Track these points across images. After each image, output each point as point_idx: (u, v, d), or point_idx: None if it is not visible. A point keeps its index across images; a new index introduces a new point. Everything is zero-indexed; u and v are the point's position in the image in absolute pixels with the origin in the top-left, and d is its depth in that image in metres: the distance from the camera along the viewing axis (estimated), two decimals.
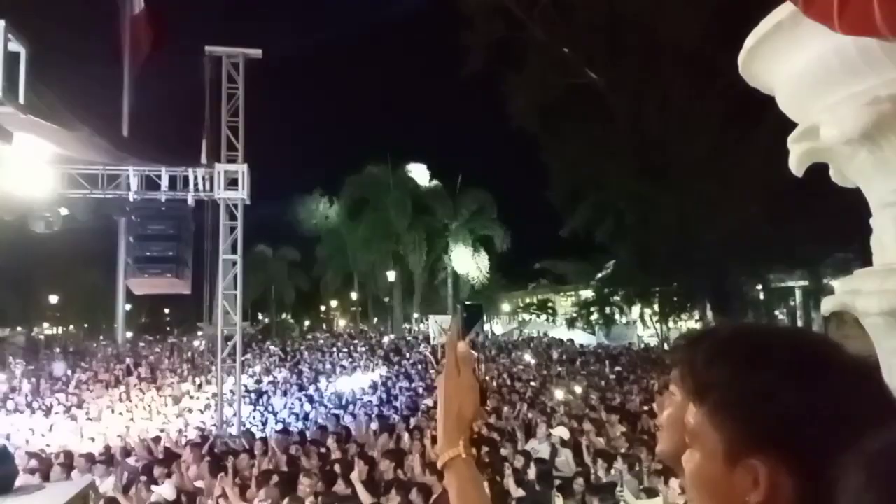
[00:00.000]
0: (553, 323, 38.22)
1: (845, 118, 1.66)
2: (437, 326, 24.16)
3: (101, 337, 28.59)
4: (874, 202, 1.87)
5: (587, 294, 31.36)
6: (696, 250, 20.13)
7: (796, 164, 1.97)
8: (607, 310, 28.23)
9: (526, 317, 43.45)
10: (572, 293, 37.70)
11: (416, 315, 39.65)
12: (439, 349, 22.91)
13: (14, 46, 4.70)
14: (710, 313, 23.82)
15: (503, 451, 8.47)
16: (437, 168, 37.47)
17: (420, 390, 16.80)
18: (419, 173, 36.92)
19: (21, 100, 4.71)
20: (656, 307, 27.46)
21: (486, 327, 40.27)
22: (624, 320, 30.26)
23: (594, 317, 28.99)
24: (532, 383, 16.66)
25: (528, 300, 44.85)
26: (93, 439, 12.36)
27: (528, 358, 22.37)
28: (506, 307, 46.48)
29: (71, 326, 43.94)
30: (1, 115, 4.73)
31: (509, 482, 6.86)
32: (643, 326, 31.76)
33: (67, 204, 10.66)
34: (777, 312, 28.45)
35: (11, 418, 14.54)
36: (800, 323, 25.27)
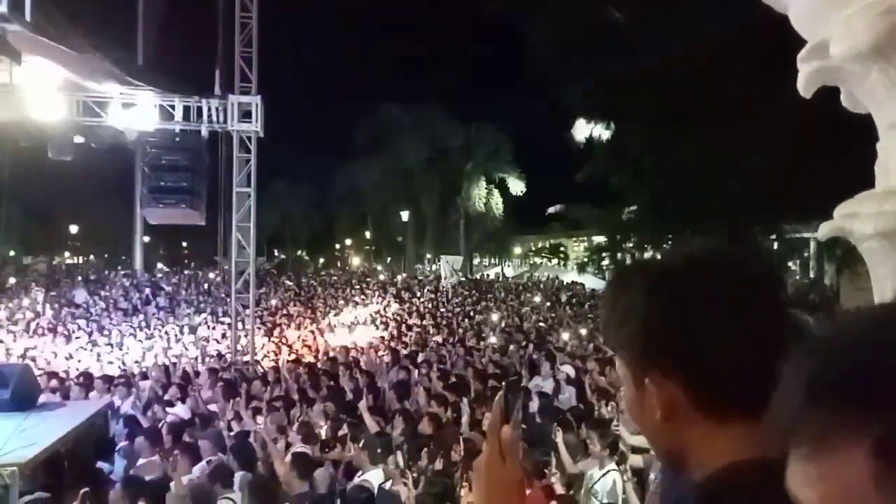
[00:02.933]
0: (564, 267, 38.31)
1: (857, 30, 1.60)
2: (449, 267, 24.35)
3: (120, 267, 29.11)
4: (882, 125, 1.81)
5: (599, 240, 31.26)
6: (712, 199, 19.85)
7: (804, 84, 1.90)
8: (619, 256, 28.20)
9: (538, 260, 43.56)
10: (584, 238, 37.62)
11: (428, 255, 39.89)
12: (450, 289, 23.17)
13: None
14: None
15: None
16: (453, 108, 36.87)
17: (430, 328, 17.06)
18: (434, 113, 36.33)
19: (27, 17, 4.66)
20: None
21: (497, 269, 40.52)
22: None
23: (605, 262, 28.98)
24: (540, 324, 16.84)
25: (540, 244, 44.87)
26: (112, 363, 12.81)
27: (537, 300, 22.55)
28: (518, 250, 46.59)
29: (91, 256, 44.78)
30: (8, 34, 4.68)
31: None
32: None
33: (82, 131, 10.69)
34: (790, 263, 28.25)
35: (34, 341, 15.05)
36: (812, 275, 25.10)
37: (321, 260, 49.51)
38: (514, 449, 1.00)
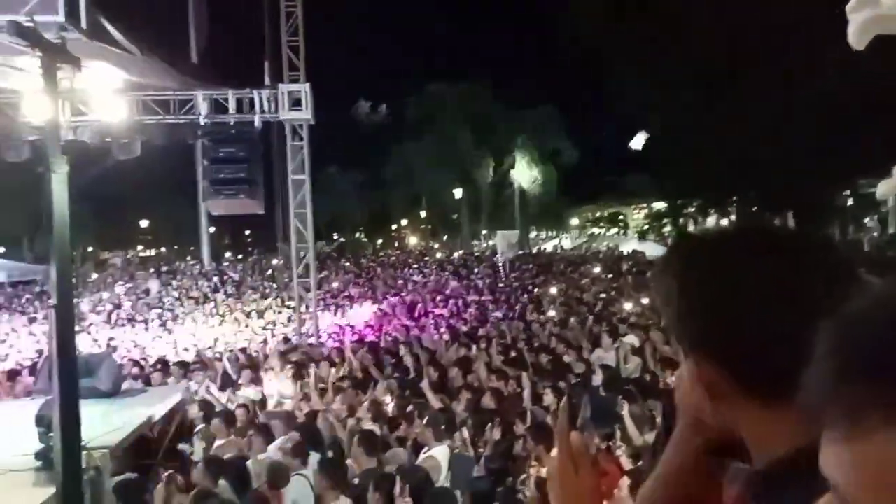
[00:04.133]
0: (624, 236, 37.55)
1: None
2: (505, 242, 24.25)
3: (189, 257, 30.38)
4: None
5: (659, 206, 30.46)
6: (774, 155, 18.90)
7: (856, 35, 1.78)
8: (680, 221, 27.41)
9: (596, 230, 42.84)
10: (644, 206, 36.74)
11: (484, 231, 39.84)
12: (507, 264, 23.10)
13: None
14: (791, 222, 22.70)
15: (566, 359, 8.60)
16: (503, 83, 36.38)
17: (488, 303, 17.10)
18: (483, 88, 35.93)
19: (83, 24, 4.86)
20: (733, 217, 26.40)
21: (555, 242, 40.12)
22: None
23: (667, 229, 28.24)
24: (601, 295, 16.60)
25: (598, 214, 44.10)
26: (186, 350, 13.45)
27: (596, 271, 22.21)
28: (575, 221, 45.92)
29: (162, 248, 46.86)
30: (68, 43, 4.91)
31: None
32: None
33: (143, 130, 11.13)
34: (866, 220, 26.75)
35: (115, 331, 15.94)
36: (892, 230, 23.71)
37: (379, 241, 50.21)
38: (585, 454, 0.98)
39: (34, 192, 4.53)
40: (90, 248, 35.71)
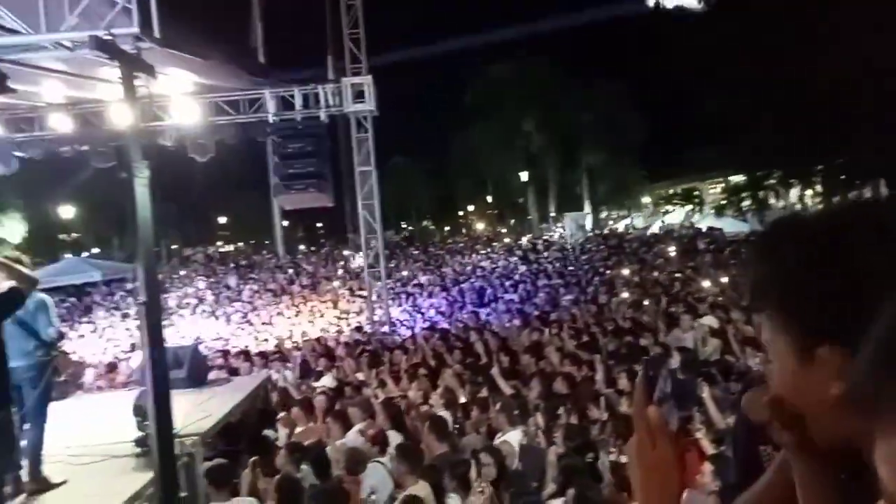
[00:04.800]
0: (700, 213, 36.11)
1: None
2: (574, 223, 23.89)
3: (265, 251, 31.52)
4: None
5: (737, 179, 29.08)
6: (864, 118, 17.55)
7: None
8: (760, 194, 26.05)
9: (670, 208, 41.41)
10: (720, 180, 35.16)
11: (552, 214, 39.30)
12: (577, 246, 22.73)
13: None
14: (884, 190, 21.14)
15: (643, 342, 8.39)
16: (565, 61, 35.53)
17: (559, 287, 16.91)
18: (546, 67, 35.20)
19: (156, 33, 5.09)
20: (819, 188, 24.86)
21: (626, 221, 39.10)
22: (781, 204, 27.85)
23: (746, 203, 26.95)
24: (677, 275, 16.09)
25: (671, 191, 42.59)
26: (266, 341, 14.00)
27: (671, 250, 21.52)
28: (647, 199, 44.56)
29: (240, 243, 48.85)
30: (143, 52, 5.16)
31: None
32: (803, 209, 29.15)
33: (216, 130, 11.61)
34: None
35: (200, 325, 16.76)
36: None
37: (446, 228, 50.47)
38: (663, 427, 0.94)
39: (121, 195, 4.79)
40: (174, 246, 37.64)
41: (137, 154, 4.66)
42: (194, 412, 6.51)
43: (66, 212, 33.57)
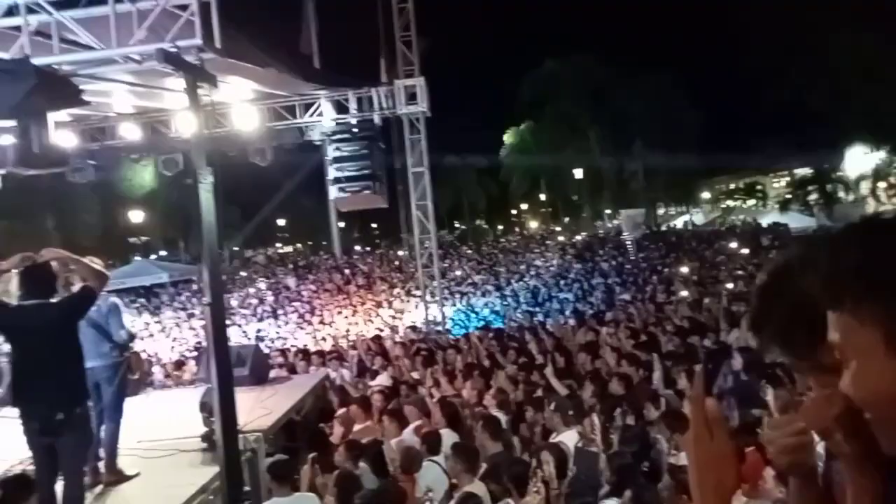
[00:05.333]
0: (763, 207, 34.75)
1: None
2: (630, 220, 23.39)
3: (322, 252, 32.22)
4: None
5: (803, 172, 27.82)
6: None
7: None
8: (828, 188, 24.85)
9: (731, 203, 40.00)
10: (785, 173, 33.73)
11: (607, 211, 38.60)
12: (633, 244, 22.27)
13: None
14: None
15: (703, 342, 8.17)
16: (620, 54, 34.80)
17: (614, 286, 16.62)
18: (598, 62, 34.54)
19: (217, 44, 5.30)
20: (893, 179, 23.55)
21: (685, 217, 38.03)
22: (850, 198, 26.50)
23: (812, 197, 25.76)
24: (738, 272, 15.57)
25: (732, 185, 41.15)
26: (324, 339, 14.32)
27: (733, 247, 20.83)
28: (706, 195, 43.20)
29: (298, 245, 50.04)
30: (205, 62, 5.38)
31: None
32: (876, 203, 27.62)
33: (275, 136, 11.95)
34: None
35: (261, 324, 17.28)
36: None
37: (499, 227, 50.31)
38: (720, 419, 0.94)
39: (187, 199, 5.01)
40: (236, 248, 38.90)
41: (202, 160, 4.85)
42: (256, 409, 6.72)
43: (136, 216, 35.19)
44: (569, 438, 5.27)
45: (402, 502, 4.40)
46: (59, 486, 4.11)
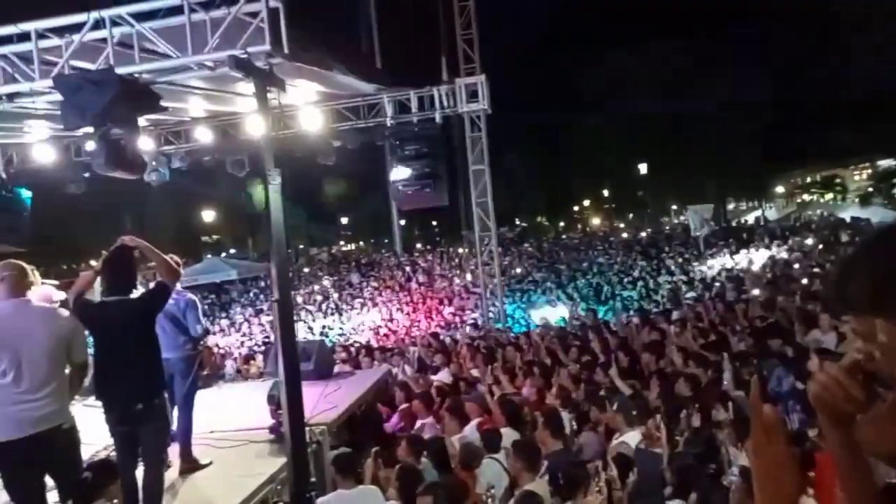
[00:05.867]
0: (842, 202, 32.94)
1: None
2: (698, 217, 22.63)
3: (384, 250, 32.71)
4: None
5: (887, 163, 26.16)
6: None
7: None
8: None
9: (806, 197, 38.13)
10: (866, 165, 31.85)
11: (673, 207, 37.51)
12: (701, 241, 21.56)
13: (274, 3, 5.46)
14: None
15: (776, 344, 7.83)
16: (687, 44, 33.62)
17: (681, 284, 16.16)
18: (664, 53, 33.51)
19: (285, 49, 5.48)
20: None
21: (757, 213, 36.50)
22: None
23: None
24: (814, 269, 14.83)
25: (808, 179, 39.23)
26: (386, 335, 14.54)
27: (809, 243, 19.86)
28: (780, 189, 41.32)
29: (361, 242, 51.00)
30: (274, 67, 5.58)
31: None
32: None
33: (338, 136, 12.23)
34: None
35: (326, 320, 17.71)
36: None
37: (561, 223, 49.70)
38: (778, 426, 0.93)
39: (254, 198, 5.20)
40: (301, 246, 40.00)
41: (270, 161, 5.03)
42: (321, 403, 6.91)
43: (208, 215, 36.73)
44: (632, 439, 5.18)
45: (463, 497, 4.44)
46: (139, 472, 4.37)
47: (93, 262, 4.45)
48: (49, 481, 3.95)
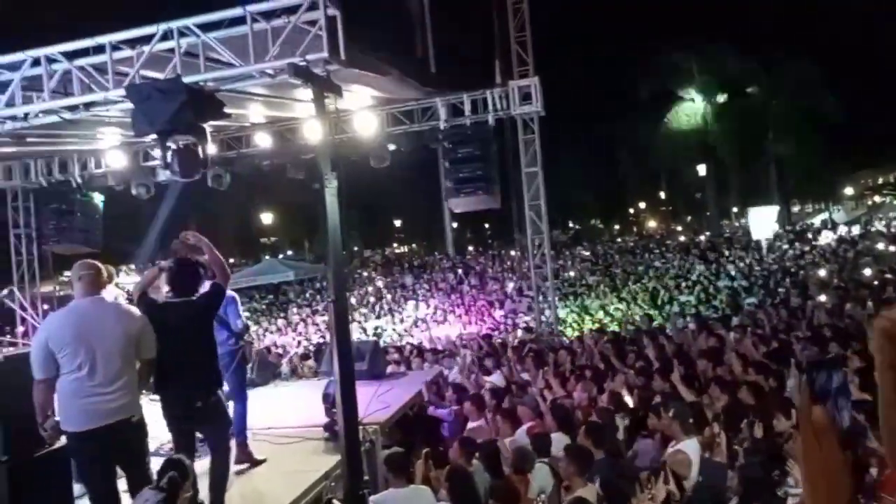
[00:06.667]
0: None
1: None
2: (760, 219, 21.86)
3: (437, 252, 32.93)
4: None
5: None
6: None
7: None
8: None
9: (878, 199, 36.24)
10: None
11: (734, 209, 36.29)
12: (764, 244, 20.82)
13: (332, 11, 5.60)
14: None
15: (845, 352, 7.50)
16: (748, 41, 32.43)
17: (741, 289, 15.65)
18: (724, 51, 32.39)
19: (342, 56, 5.61)
20: None
21: (823, 216, 34.91)
22: None
23: None
24: (886, 275, 14.12)
25: (880, 179, 37.28)
26: (438, 337, 14.62)
27: (880, 247, 18.90)
28: (849, 191, 39.41)
29: (413, 245, 51.47)
30: (331, 73, 5.72)
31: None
32: None
33: (392, 140, 12.39)
34: None
35: (379, 321, 17.95)
36: None
37: (616, 226, 48.85)
38: (828, 430, 0.87)
39: (313, 202, 5.33)
40: (355, 248, 40.68)
41: (327, 166, 5.15)
42: (374, 403, 7.01)
43: (266, 218, 37.80)
44: (689, 447, 5.06)
45: (515, 501, 4.44)
46: (199, 464, 4.56)
47: (161, 263, 4.66)
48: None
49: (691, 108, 32.81)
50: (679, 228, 38.23)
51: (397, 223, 50.75)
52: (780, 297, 13.87)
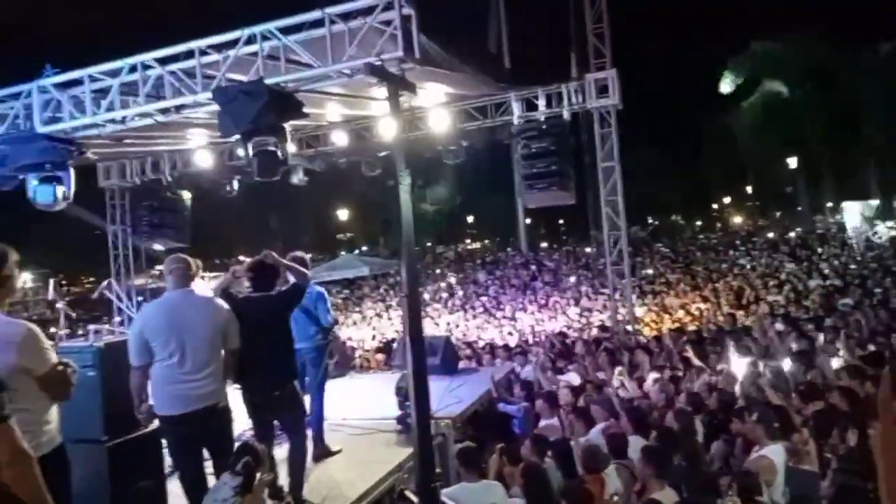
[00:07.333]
0: None
1: None
2: (857, 214, 20.49)
3: (509, 249, 32.75)
4: None
5: None
6: None
7: None
8: None
9: None
10: None
11: (828, 204, 34.12)
12: (861, 241, 19.50)
13: (406, 10, 5.67)
14: None
15: None
16: (841, 26, 30.30)
17: (834, 289, 14.71)
18: (816, 38, 30.37)
19: (417, 54, 5.67)
20: None
21: None
22: None
23: None
24: None
25: None
26: (510, 334, 14.56)
27: None
28: None
29: (486, 241, 51.42)
30: (406, 72, 5.80)
31: None
32: None
33: (466, 135, 12.42)
34: None
35: (451, 317, 18.05)
36: None
37: (698, 223, 46.98)
38: None
39: (388, 199, 5.45)
40: (428, 244, 41.08)
41: (401, 163, 5.24)
42: (447, 397, 7.09)
43: (342, 214, 38.79)
44: (773, 453, 4.83)
45: (588, 502, 4.37)
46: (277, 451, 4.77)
47: (241, 258, 4.96)
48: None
49: (779, 98, 31.10)
50: (766, 224, 36.29)
51: (470, 219, 50.82)
52: (878, 297, 12.95)
